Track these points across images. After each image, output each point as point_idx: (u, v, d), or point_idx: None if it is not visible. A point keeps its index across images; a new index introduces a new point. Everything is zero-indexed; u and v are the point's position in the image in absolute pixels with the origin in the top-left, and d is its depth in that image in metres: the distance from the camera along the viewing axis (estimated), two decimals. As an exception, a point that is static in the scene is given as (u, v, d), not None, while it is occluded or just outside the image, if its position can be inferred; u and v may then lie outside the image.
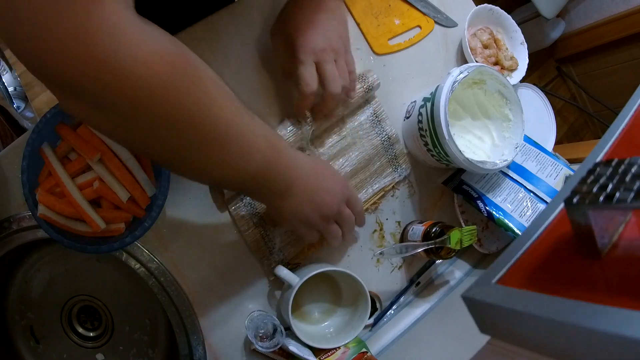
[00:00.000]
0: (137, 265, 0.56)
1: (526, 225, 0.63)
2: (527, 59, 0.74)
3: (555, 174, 0.69)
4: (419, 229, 0.64)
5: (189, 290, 0.59)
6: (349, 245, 0.65)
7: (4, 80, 1.13)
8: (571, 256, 0.32)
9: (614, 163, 0.29)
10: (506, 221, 0.63)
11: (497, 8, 0.74)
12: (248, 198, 0.61)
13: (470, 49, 0.70)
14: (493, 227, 0.71)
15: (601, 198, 0.27)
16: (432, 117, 0.59)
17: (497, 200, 0.65)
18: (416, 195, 0.70)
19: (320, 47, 0.51)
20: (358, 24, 0.68)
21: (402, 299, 0.68)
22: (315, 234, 0.52)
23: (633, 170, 0.28)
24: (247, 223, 0.60)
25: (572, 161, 0.78)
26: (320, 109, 0.57)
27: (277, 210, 0.49)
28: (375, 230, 0.67)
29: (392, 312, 0.68)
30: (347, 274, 0.58)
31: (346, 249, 0.66)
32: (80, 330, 0.65)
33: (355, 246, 0.66)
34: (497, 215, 0.63)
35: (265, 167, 0.42)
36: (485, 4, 0.73)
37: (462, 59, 0.73)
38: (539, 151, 0.71)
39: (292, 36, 0.51)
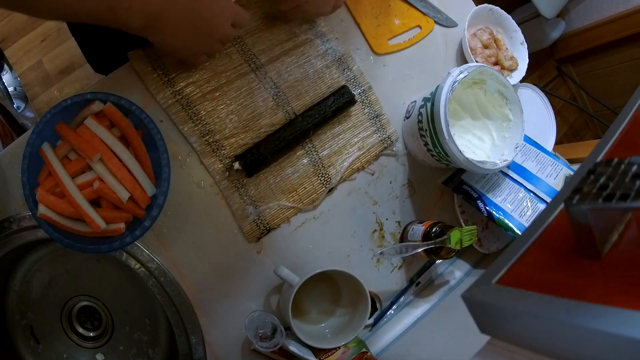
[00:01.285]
0: (137, 265, 0.56)
1: (526, 225, 0.63)
2: (527, 59, 0.74)
3: (555, 174, 0.69)
4: (419, 229, 0.64)
5: (189, 290, 0.59)
6: None
7: (4, 80, 1.14)
8: (571, 256, 0.32)
9: (614, 163, 0.29)
10: (506, 221, 0.63)
11: (497, 8, 0.74)
12: (250, 201, 0.61)
13: (470, 49, 0.70)
14: (493, 227, 0.71)
15: (601, 198, 0.27)
16: (432, 117, 0.59)
17: (497, 200, 0.65)
18: (416, 195, 0.70)
19: None
20: (358, 24, 0.68)
21: (402, 299, 0.68)
22: (203, 58, 0.57)
23: (633, 170, 0.28)
24: (249, 224, 0.61)
25: (572, 161, 0.78)
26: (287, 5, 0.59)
27: (159, 44, 0.52)
28: (375, 230, 0.67)
29: (392, 312, 0.68)
30: (347, 274, 0.58)
31: (346, 249, 0.66)
32: (80, 330, 0.65)
33: (355, 246, 0.66)
34: (497, 215, 0.63)
35: (107, 4, 0.44)
36: (485, 4, 0.73)
37: (462, 59, 0.73)
38: (539, 151, 0.71)
39: None
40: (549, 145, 0.79)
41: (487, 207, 0.64)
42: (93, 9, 0.44)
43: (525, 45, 0.75)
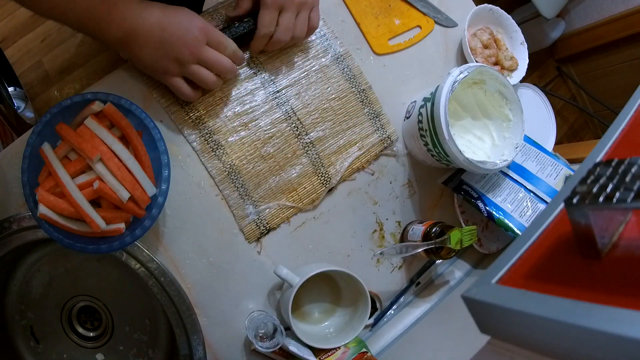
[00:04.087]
0: (137, 265, 0.56)
1: (526, 225, 0.63)
2: (527, 59, 0.74)
3: (555, 174, 0.69)
4: (419, 229, 0.64)
5: (189, 290, 0.59)
6: (228, 79, 0.61)
7: (4, 80, 1.13)
8: (571, 256, 0.32)
9: (614, 163, 0.29)
10: (506, 221, 0.63)
11: (497, 8, 0.74)
12: (250, 201, 0.61)
13: (470, 49, 0.70)
14: (493, 227, 0.71)
15: (601, 198, 0.27)
16: (432, 117, 0.59)
17: (497, 200, 0.65)
18: (416, 195, 0.70)
19: None
20: (358, 24, 0.68)
21: (402, 299, 0.68)
22: (178, 82, 0.54)
23: (633, 170, 0.28)
24: (249, 224, 0.61)
25: (572, 161, 0.78)
26: (265, 48, 0.60)
27: (134, 59, 0.53)
28: (375, 230, 0.67)
29: (392, 312, 0.68)
30: (347, 274, 0.58)
31: (346, 249, 0.66)
32: (80, 330, 0.65)
33: (355, 246, 0.66)
34: (497, 215, 0.63)
35: (93, 14, 0.47)
36: (485, 4, 0.73)
37: (462, 59, 0.73)
38: (539, 151, 0.71)
39: None
40: (549, 145, 0.79)
41: (487, 207, 0.64)
42: (81, 15, 0.47)
43: (525, 45, 0.75)
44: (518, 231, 0.62)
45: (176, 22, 0.52)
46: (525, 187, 0.67)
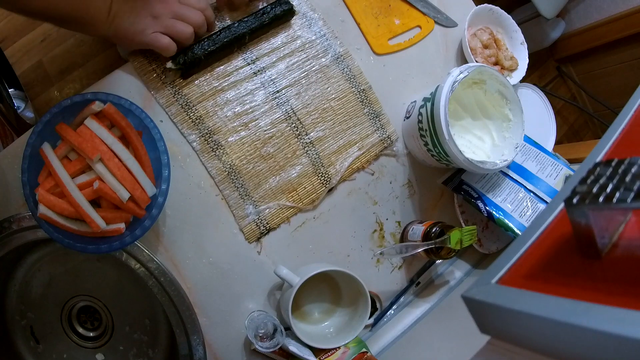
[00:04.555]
0: (137, 265, 0.56)
1: (526, 225, 0.63)
2: (527, 59, 0.74)
3: (555, 174, 0.69)
4: (419, 229, 0.64)
5: (189, 290, 0.59)
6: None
7: (4, 80, 1.13)
8: (571, 256, 0.32)
9: (614, 163, 0.29)
10: (506, 221, 0.63)
11: (497, 8, 0.74)
12: (250, 201, 0.61)
13: (470, 49, 0.70)
14: (493, 227, 0.71)
15: (601, 198, 0.27)
16: (432, 117, 0.59)
17: (497, 200, 0.65)
18: (416, 195, 0.70)
19: None
20: (358, 24, 0.68)
21: (402, 299, 0.68)
22: (157, 35, 0.55)
23: (633, 170, 0.28)
24: (249, 224, 0.61)
25: (572, 161, 0.78)
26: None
27: (116, 34, 0.54)
28: (375, 230, 0.67)
29: (392, 312, 0.68)
30: (347, 274, 0.58)
31: (346, 249, 0.66)
32: (80, 330, 0.65)
33: (355, 246, 0.66)
34: (497, 215, 0.63)
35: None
36: (485, 4, 0.73)
37: (462, 59, 0.73)
38: (539, 151, 0.71)
39: None
40: (549, 145, 0.79)
41: (487, 207, 0.64)
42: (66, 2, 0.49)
43: (525, 45, 0.75)
44: (518, 231, 0.62)
45: None
46: (525, 187, 0.67)
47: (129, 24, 0.54)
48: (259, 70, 0.62)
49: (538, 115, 0.82)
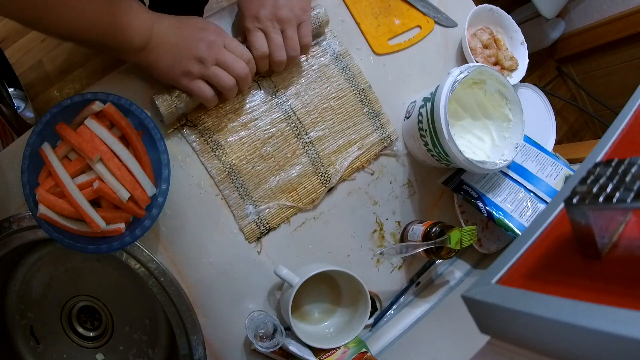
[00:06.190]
0: (137, 265, 0.56)
1: (526, 225, 0.63)
2: (527, 59, 0.74)
3: (555, 174, 0.69)
4: (419, 229, 0.64)
5: (189, 290, 0.59)
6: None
7: (4, 80, 1.13)
8: (571, 256, 0.32)
9: (614, 163, 0.29)
10: (506, 221, 0.63)
11: (497, 8, 0.74)
12: (250, 201, 0.61)
13: (470, 49, 0.70)
14: (493, 227, 0.71)
15: (601, 198, 0.27)
16: (432, 117, 0.59)
17: (497, 200, 0.65)
18: (416, 195, 0.70)
19: (264, 16, 0.55)
20: (358, 24, 0.68)
21: (402, 299, 0.68)
22: (201, 84, 0.53)
23: (633, 170, 0.28)
24: (249, 224, 0.61)
25: (572, 161, 0.78)
26: (270, 69, 0.61)
27: (152, 67, 0.52)
28: (375, 230, 0.67)
29: (392, 312, 0.68)
30: (347, 274, 0.58)
31: (346, 249, 0.66)
32: (80, 330, 0.65)
33: (355, 246, 0.66)
34: (497, 215, 0.63)
35: (106, 25, 0.47)
36: (485, 4, 0.73)
37: (462, 59, 0.73)
38: (539, 151, 0.71)
39: (240, 6, 0.58)
40: (549, 145, 0.79)
41: (487, 207, 0.64)
42: (102, 27, 0.47)
43: (525, 45, 0.75)
44: (518, 231, 0.62)
45: (192, 24, 0.53)
46: (525, 187, 0.67)
47: (170, 62, 0.52)
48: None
49: (538, 115, 0.82)
